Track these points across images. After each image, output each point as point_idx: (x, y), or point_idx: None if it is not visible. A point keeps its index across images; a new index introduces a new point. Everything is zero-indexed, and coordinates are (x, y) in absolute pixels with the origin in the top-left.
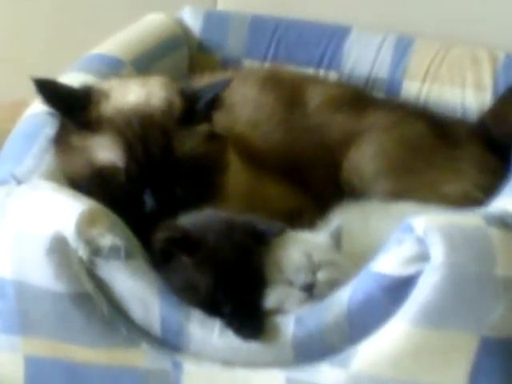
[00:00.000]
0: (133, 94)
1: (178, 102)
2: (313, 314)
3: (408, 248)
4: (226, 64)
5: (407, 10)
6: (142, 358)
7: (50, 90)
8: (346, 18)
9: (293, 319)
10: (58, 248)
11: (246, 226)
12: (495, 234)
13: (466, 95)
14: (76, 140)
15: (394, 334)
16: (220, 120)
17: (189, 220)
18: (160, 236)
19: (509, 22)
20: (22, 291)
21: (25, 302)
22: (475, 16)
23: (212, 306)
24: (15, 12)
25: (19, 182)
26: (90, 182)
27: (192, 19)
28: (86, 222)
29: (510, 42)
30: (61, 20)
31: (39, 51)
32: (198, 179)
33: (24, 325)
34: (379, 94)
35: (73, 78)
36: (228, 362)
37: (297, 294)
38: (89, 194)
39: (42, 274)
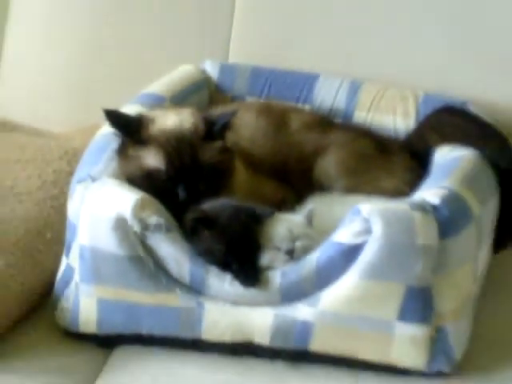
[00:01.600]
0: (171, 120)
1: (201, 125)
2: (293, 269)
3: (357, 225)
4: (234, 100)
5: (358, 64)
6: (177, 299)
7: (114, 117)
8: (316, 68)
9: (279, 273)
10: (120, 225)
11: (247, 209)
12: (417, 215)
13: (396, 121)
14: (132, 151)
15: (348, 284)
16: (230, 138)
17: (208, 206)
18: (189, 216)
19: (426, 73)
20: (95, 254)
21: (97, 262)
22: (403, 67)
23: (224, 265)
24: (91, 62)
25: (93, 179)
26: (141, 180)
27: (211, 69)
28: (139, 207)
29: (427, 85)
30: (124, 68)
31: (108, 91)
32: (215, 178)
33: (96, 277)
34: (338, 120)
35: (130, 109)
36: (235, 302)
37: (282, 256)
38: (140, 189)
39: (108, 243)
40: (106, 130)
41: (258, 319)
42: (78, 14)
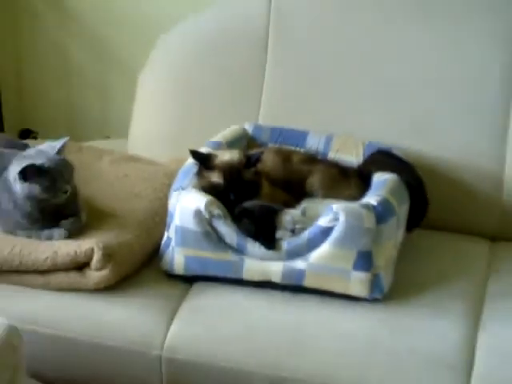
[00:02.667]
0: (226, 156)
1: (243, 159)
2: (294, 240)
3: (330, 216)
4: (261, 146)
5: (331, 126)
6: (229, 257)
7: (195, 154)
8: (307, 127)
9: (286, 242)
10: (197, 214)
11: (269, 207)
12: (364, 211)
13: (353, 158)
14: (205, 173)
15: (325, 249)
16: (259, 166)
17: (247, 204)
18: (236, 210)
19: (369, 134)
20: (183, 230)
21: (183, 234)
22: (356, 127)
23: (255, 238)
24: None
25: (183, 189)
26: (209, 190)
27: (248, 127)
28: (208, 204)
29: (370, 137)
30: (200, 128)
31: (191, 140)
32: (251, 189)
33: (183, 243)
34: (320, 157)
35: (204, 149)
36: (262, 258)
37: (288, 233)
38: (209, 194)
39: (190, 224)
40: (190, 161)
41: (274, 267)
42: (174, 97)
